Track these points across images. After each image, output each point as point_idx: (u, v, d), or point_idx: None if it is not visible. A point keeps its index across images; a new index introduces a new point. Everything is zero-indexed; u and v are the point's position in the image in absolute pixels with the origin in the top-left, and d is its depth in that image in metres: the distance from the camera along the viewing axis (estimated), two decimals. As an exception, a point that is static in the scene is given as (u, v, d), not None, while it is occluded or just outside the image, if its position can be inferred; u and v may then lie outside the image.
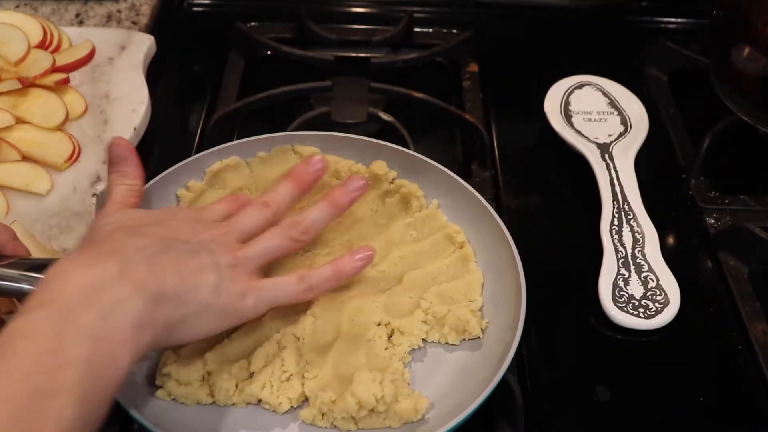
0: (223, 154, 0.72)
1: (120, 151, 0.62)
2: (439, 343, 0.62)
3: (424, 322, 0.62)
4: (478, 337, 0.62)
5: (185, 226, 0.56)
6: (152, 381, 0.58)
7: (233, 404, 0.58)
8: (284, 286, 0.58)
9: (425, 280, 0.66)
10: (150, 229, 0.54)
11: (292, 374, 0.58)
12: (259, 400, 0.57)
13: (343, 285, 0.63)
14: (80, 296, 0.46)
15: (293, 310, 0.61)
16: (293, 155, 0.73)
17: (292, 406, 0.57)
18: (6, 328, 0.44)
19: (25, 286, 0.57)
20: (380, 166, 0.71)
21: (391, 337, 0.62)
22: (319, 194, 0.69)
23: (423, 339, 0.62)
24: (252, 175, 0.73)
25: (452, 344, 0.62)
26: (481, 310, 0.64)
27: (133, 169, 0.61)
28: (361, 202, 0.69)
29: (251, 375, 0.58)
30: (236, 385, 0.58)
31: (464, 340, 0.62)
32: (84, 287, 0.46)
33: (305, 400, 0.58)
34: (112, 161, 0.61)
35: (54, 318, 0.44)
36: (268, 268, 0.62)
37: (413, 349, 0.62)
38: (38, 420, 0.40)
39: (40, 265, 0.58)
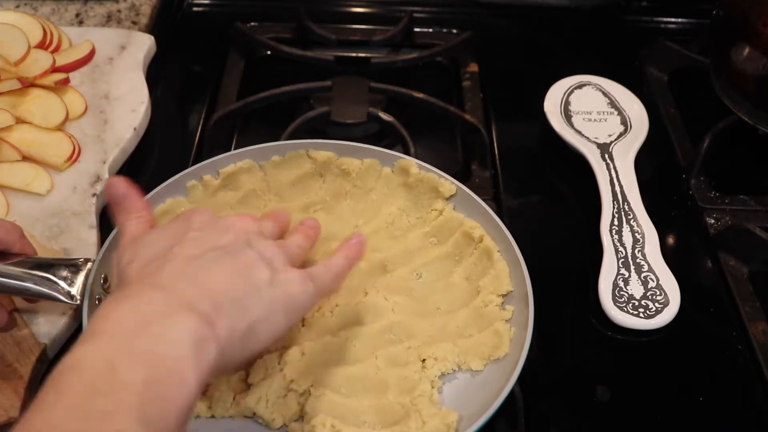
0: (237, 158, 0.72)
1: (117, 190, 0.57)
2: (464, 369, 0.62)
3: (456, 350, 0.62)
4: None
5: (213, 230, 0.53)
6: None
7: (230, 416, 0.57)
8: (322, 272, 0.55)
9: (455, 297, 0.66)
10: (179, 250, 0.51)
11: (290, 390, 0.57)
12: (254, 414, 0.57)
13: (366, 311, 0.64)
14: (130, 325, 0.44)
15: (297, 325, 0.61)
16: (307, 159, 0.73)
17: (285, 424, 0.57)
18: (58, 365, 0.42)
19: (31, 285, 0.57)
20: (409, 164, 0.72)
21: (423, 361, 0.61)
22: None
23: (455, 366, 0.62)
24: (265, 178, 0.72)
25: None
26: (506, 296, 0.64)
27: (136, 202, 0.57)
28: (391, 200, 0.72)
29: (248, 387, 0.58)
30: (234, 397, 0.57)
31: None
32: (132, 317, 0.45)
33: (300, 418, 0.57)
34: (113, 201, 0.57)
35: (104, 347, 0.43)
36: None
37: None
38: None
39: (47, 264, 0.59)
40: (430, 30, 0.99)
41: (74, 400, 0.40)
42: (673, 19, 1.02)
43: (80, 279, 0.60)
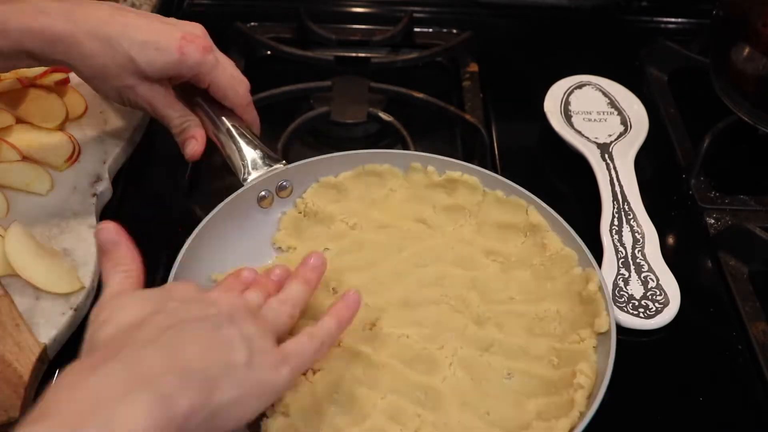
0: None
1: (109, 236, 0.54)
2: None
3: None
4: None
5: (196, 302, 0.51)
6: None
7: None
8: (304, 347, 0.52)
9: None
10: (157, 318, 0.48)
11: None
12: None
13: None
14: (81, 408, 0.41)
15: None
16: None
17: None
18: None
19: (228, 150, 0.69)
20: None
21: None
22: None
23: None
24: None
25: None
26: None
27: (125, 252, 0.53)
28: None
29: None
30: None
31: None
32: (85, 398, 0.42)
33: None
34: (103, 248, 0.54)
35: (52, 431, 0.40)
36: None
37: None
38: None
39: (254, 144, 0.69)
40: (430, 30, 0.99)
41: None
42: (673, 19, 1.02)
43: (259, 173, 0.68)
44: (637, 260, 0.70)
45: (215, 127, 0.70)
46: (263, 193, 0.68)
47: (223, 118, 0.70)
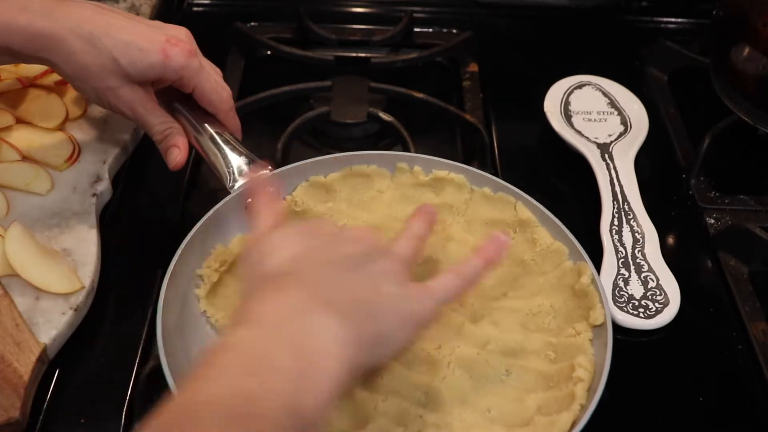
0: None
1: (262, 181, 0.61)
2: None
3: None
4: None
5: (340, 240, 0.55)
6: None
7: None
8: (447, 283, 0.55)
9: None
10: (313, 255, 0.53)
11: None
12: None
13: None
14: (281, 319, 0.47)
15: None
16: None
17: None
18: (209, 347, 0.46)
19: (212, 157, 0.67)
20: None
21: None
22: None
23: None
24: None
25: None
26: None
27: (275, 194, 0.60)
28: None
29: None
30: None
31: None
32: (283, 312, 0.47)
33: None
34: (255, 189, 0.60)
35: (259, 335, 0.46)
36: None
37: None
38: (249, 421, 0.41)
39: (238, 151, 0.68)
40: (430, 30, 0.99)
41: (233, 380, 0.43)
42: (673, 19, 1.02)
43: (245, 180, 0.66)
44: (637, 260, 0.70)
45: (197, 134, 0.68)
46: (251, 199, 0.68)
47: (206, 125, 0.68)
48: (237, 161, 0.68)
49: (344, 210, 0.71)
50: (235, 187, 0.66)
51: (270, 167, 0.68)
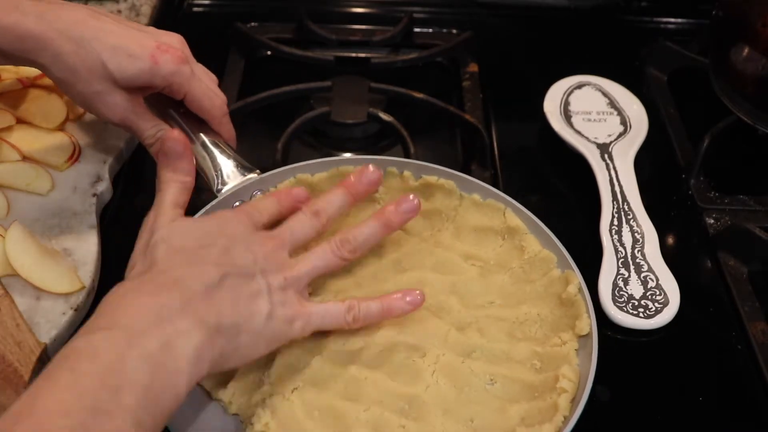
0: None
1: (176, 146, 0.59)
2: None
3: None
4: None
5: (240, 245, 0.55)
6: None
7: None
8: (332, 313, 0.58)
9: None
10: (206, 254, 0.53)
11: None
12: None
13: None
14: (144, 323, 0.47)
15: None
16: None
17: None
18: (67, 346, 0.45)
19: (200, 161, 0.67)
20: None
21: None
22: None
23: None
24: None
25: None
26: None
27: (186, 165, 0.60)
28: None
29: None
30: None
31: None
32: (147, 316, 0.47)
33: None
34: (167, 155, 0.59)
35: (118, 340, 0.45)
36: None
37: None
38: None
39: (227, 155, 0.68)
40: (430, 30, 0.99)
41: (85, 389, 0.43)
42: (673, 19, 1.02)
43: (233, 183, 0.66)
44: (637, 260, 0.70)
45: (190, 141, 0.67)
46: (237, 203, 0.67)
47: (199, 132, 0.68)
48: (226, 165, 0.67)
49: None
50: (223, 191, 0.66)
51: (258, 171, 0.68)
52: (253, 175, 0.68)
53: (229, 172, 0.67)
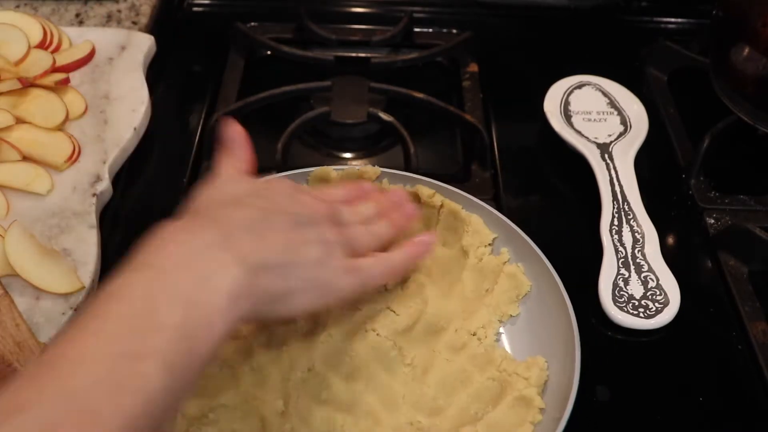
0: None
1: (236, 135, 0.59)
2: None
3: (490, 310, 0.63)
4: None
5: (288, 198, 0.55)
6: None
7: None
8: (373, 266, 0.56)
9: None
10: (252, 200, 0.52)
11: None
12: None
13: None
14: (178, 261, 0.45)
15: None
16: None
17: None
18: (101, 289, 0.44)
19: None
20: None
21: (474, 335, 0.62)
22: None
23: None
24: None
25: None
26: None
27: (244, 153, 0.58)
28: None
29: None
30: None
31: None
32: (183, 253, 0.46)
33: None
34: (226, 143, 0.59)
35: (149, 281, 0.44)
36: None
37: None
38: (123, 383, 0.39)
39: None
40: (430, 30, 0.99)
41: (112, 335, 0.41)
42: (673, 19, 1.02)
43: None
44: (637, 260, 0.70)
45: None
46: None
47: None
48: None
49: None
50: None
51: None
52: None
53: None
